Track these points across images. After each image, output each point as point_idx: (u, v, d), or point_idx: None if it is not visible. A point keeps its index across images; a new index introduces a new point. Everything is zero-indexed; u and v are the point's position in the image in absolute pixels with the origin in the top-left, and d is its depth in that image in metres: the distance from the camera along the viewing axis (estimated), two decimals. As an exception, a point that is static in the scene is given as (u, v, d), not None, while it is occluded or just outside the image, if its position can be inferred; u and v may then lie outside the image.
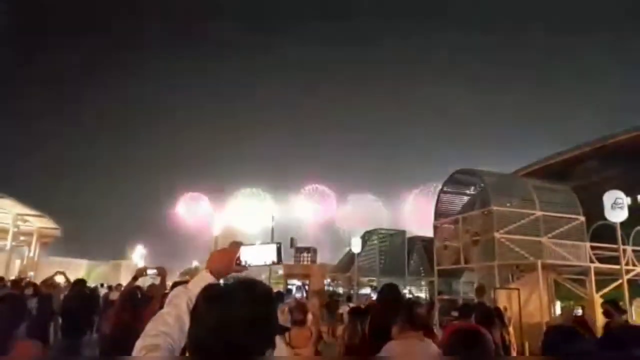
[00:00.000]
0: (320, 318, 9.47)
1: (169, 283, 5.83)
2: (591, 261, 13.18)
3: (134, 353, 1.32)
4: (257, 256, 1.91)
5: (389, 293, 5.04)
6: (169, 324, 1.38)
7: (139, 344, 1.34)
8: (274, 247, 2.06)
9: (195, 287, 1.42)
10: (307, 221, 60.48)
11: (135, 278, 5.45)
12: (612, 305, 6.03)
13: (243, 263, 1.73)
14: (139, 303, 5.48)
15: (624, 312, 5.74)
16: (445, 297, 16.71)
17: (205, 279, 1.52)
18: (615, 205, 11.22)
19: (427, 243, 22.66)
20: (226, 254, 1.67)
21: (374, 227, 26.30)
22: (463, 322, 6.54)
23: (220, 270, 1.59)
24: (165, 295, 4.42)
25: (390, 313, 3.78)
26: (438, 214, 16.30)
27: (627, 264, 12.59)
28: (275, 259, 1.96)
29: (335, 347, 6.03)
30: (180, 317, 1.40)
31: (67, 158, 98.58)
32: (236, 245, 1.75)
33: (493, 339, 5.12)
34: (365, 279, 24.14)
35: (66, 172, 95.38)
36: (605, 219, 11.69)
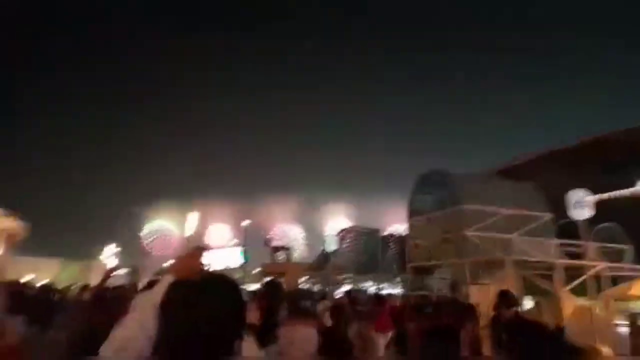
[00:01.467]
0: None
1: (142, 283, 5.81)
2: (559, 257, 13.63)
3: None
4: (220, 260, 1.87)
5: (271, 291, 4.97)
6: (134, 329, 1.38)
7: (104, 348, 1.36)
8: (238, 249, 2.07)
9: (160, 292, 1.43)
10: (283, 220, 60.38)
11: (104, 279, 5.39)
12: (503, 297, 6.20)
13: (206, 267, 1.73)
14: (110, 304, 5.49)
15: (514, 304, 5.98)
16: (420, 292, 17.03)
17: (168, 282, 1.51)
18: (577, 203, 11.69)
19: (401, 241, 23.04)
20: (189, 259, 1.66)
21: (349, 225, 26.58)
22: (436, 319, 6.76)
23: (184, 275, 1.54)
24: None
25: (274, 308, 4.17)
26: (411, 213, 16.61)
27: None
28: (240, 261, 1.92)
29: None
30: (145, 322, 1.39)
31: (36, 156, 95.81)
32: (199, 250, 1.74)
33: (467, 334, 5.34)
34: (340, 277, 24.39)
35: (36, 170, 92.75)
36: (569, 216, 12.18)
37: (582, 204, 11.44)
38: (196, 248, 1.75)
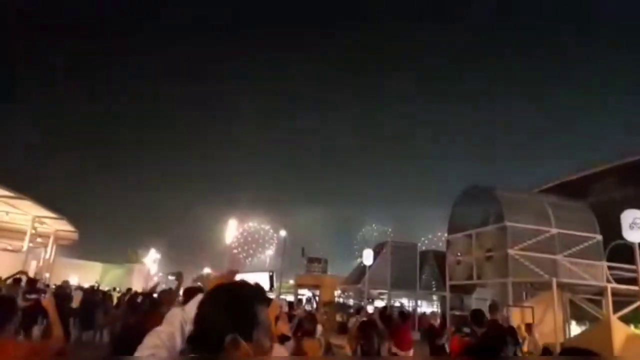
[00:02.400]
0: (332, 329, 9.44)
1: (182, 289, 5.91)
2: (608, 281, 12.91)
3: None
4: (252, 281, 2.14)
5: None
6: (162, 340, 1.54)
7: (138, 352, 1.50)
8: (266, 275, 2.28)
9: (191, 309, 1.54)
10: (319, 232, 60.41)
11: (151, 291, 5.47)
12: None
13: None
14: (143, 308, 5.53)
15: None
16: (457, 312, 16.51)
17: None
18: (633, 224, 11.02)
19: (439, 257, 22.48)
20: (223, 281, 1.78)
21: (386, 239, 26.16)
22: (473, 339, 6.46)
23: None
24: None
25: None
26: (452, 229, 16.16)
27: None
28: (267, 286, 2.15)
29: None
30: (173, 334, 1.57)
31: (85, 161, 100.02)
32: (232, 273, 1.95)
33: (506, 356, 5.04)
34: (375, 292, 24.00)
35: (84, 175, 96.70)
36: (623, 238, 11.49)
37: (638, 225, 10.74)
38: (229, 271, 2.00)
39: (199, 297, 1.63)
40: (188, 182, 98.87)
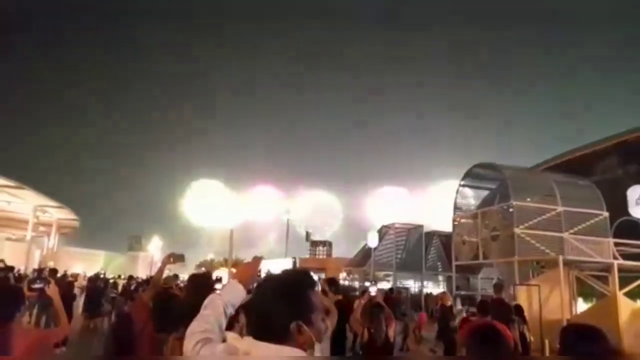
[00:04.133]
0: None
1: (185, 276, 5.80)
2: (614, 258, 12.84)
3: (187, 350, 1.55)
4: (275, 269, 2.17)
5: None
6: (212, 323, 1.62)
7: (189, 342, 1.57)
8: (289, 260, 2.21)
9: (227, 293, 1.73)
10: (323, 214, 60.31)
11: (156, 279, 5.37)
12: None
13: (263, 275, 1.97)
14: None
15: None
16: (463, 292, 16.50)
17: (235, 286, 1.79)
18: (639, 201, 10.93)
19: (445, 238, 22.42)
20: (250, 267, 1.94)
21: (391, 221, 26.08)
22: (480, 319, 6.39)
23: (246, 281, 1.84)
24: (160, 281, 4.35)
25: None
26: (457, 209, 16.06)
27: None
28: None
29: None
30: (218, 318, 1.65)
31: (86, 151, 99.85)
32: (258, 259, 2.07)
33: (512, 336, 4.97)
34: (381, 274, 24.02)
35: (84, 164, 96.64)
36: (629, 214, 11.39)
37: (645, 201, 10.64)
38: (255, 258, 2.12)
39: (233, 283, 1.79)
40: (189, 167, 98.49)
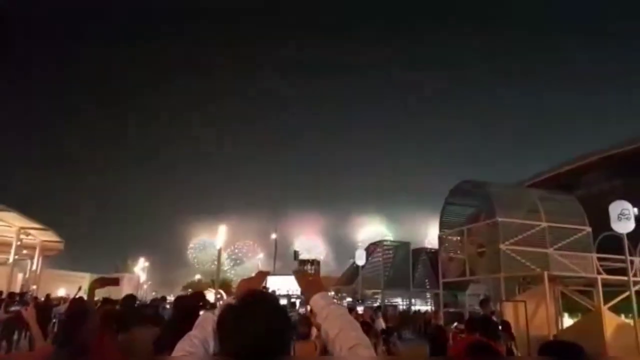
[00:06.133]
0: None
1: (171, 297, 5.77)
2: (598, 272, 13.01)
3: None
4: (282, 285, 2.05)
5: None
6: (195, 345, 1.54)
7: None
8: (292, 278, 2.20)
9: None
10: (311, 233, 60.29)
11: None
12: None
13: (270, 291, 1.84)
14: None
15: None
16: (451, 309, 16.53)
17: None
18: (621, 216, 11.13)
19: (432, 255, 22.51)
20: (254, 282, 1.81)
21: (379, 239, 26.15)
22: (468, 336, 6.45)
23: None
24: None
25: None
26: (443, 225, 16.19)
27: (634, 275, 12.42)
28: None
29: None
30: (205, 339, 1.56)
31: (69, 169, 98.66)
32: (262, 274, 1.92)
33: (501, 352, 5.03)
34: (369, 292, 23.98)
35: (68, 184, 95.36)
36: (611, 229, 11.59)
37: (626, 216, 10.83)
38: (259, 272, 1.95)
39: (229, 300, 1.68)
40: (176, 187, 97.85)
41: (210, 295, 24.08)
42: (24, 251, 31.42)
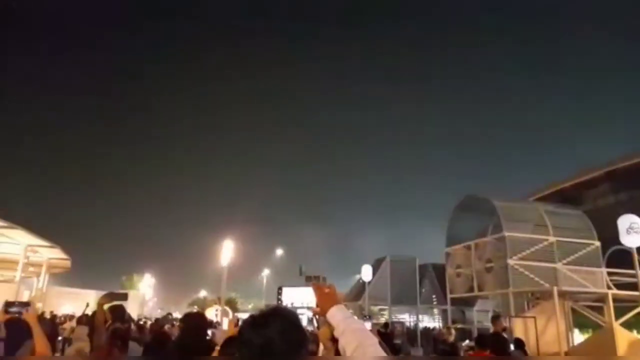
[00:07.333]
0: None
1: (178, 314, 5.74)
2: (608, 287, 12.84)
3: None
4: (299, 298, 2.01)
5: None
6: None
7: None
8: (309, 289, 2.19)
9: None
10: (317, 249, 60.04)
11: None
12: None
13: (287, 304, 1.85)
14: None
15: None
16: (459, 325, 16.33)
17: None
18: (630, 229, 11.02)
19: (439, 270, 22.32)
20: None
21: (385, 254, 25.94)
22: (479, 353, 6.37)
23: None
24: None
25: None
26: (450, 240, 16.07)
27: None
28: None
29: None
30: None
31: (77, 188, 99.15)
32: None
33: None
34: (376, 308, 23.76)
35: (76, 202, 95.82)
36: (620, 243, 11.47)
37: (635, 230, 10.73)
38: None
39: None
40: (181, 204, 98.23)
41: (210, 312, 23.94)
42: (31, 269, 31.39)
